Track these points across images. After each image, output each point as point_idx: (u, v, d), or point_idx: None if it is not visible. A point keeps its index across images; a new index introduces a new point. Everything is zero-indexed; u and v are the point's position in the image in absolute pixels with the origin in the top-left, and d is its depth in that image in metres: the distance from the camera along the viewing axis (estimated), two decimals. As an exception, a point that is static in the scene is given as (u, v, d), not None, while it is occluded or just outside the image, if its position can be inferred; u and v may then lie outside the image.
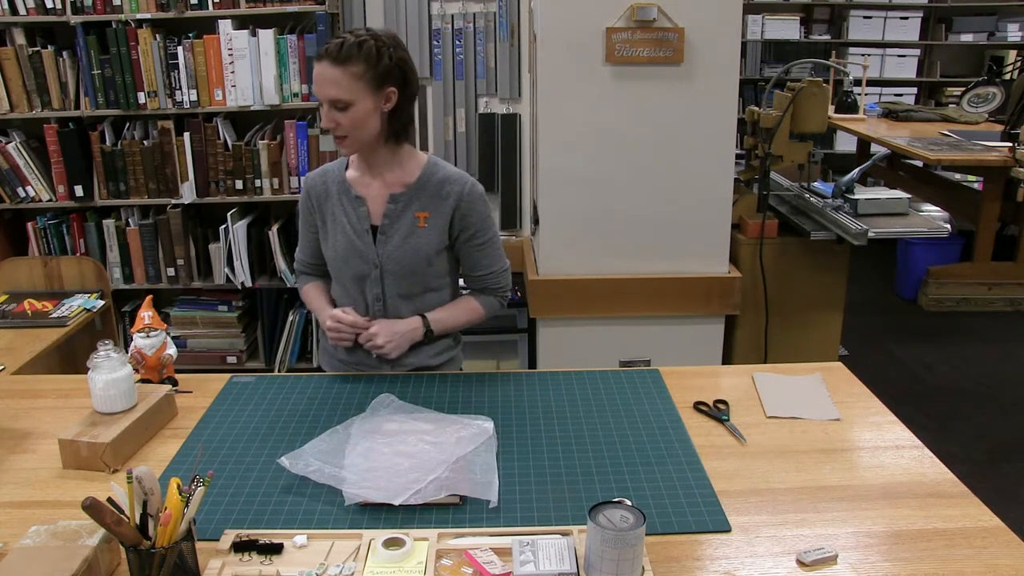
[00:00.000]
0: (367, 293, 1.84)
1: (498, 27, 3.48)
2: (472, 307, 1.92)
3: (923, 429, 3.06)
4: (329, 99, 1.69)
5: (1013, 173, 3.95)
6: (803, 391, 1.75)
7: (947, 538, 1.26)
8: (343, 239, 1.82)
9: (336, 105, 1.69)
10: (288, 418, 1.64)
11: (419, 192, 1.82)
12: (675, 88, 2.67)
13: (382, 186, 1.82)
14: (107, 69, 3.23)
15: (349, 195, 1.83)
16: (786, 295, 3.04)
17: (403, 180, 1.82)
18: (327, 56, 1.67)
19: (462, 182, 1.83)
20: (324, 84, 1.68)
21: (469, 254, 1.88)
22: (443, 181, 1.82)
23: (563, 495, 1.37)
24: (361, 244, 1.81)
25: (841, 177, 3.13)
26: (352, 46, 1.67)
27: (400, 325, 1.83)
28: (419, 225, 1.81)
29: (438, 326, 1.87)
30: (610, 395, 1.73)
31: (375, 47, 1.68)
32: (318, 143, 3.33)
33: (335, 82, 1.67)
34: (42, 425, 1.63)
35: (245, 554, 1.20)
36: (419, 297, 1.86)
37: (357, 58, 1.67)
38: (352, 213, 1.83)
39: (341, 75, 1.66)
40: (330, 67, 1.67)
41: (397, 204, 1.81)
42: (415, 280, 1.84)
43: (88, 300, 2.69)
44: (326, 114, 1.71)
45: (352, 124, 1.70)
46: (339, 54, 1.66)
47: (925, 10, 5.97)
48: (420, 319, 1.85)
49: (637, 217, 2.78)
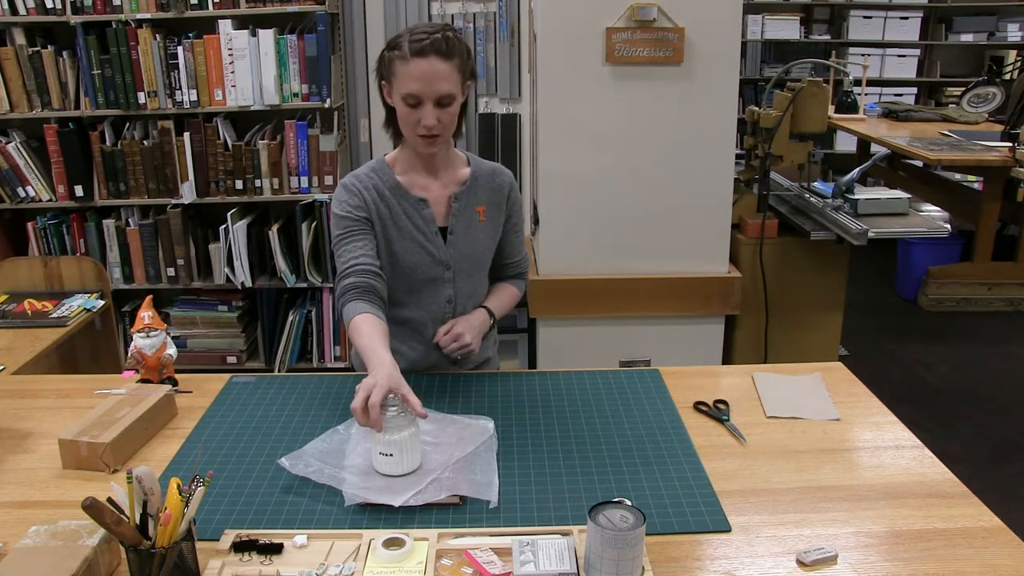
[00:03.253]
0: (439, 296, 1.81)
1: (498, 27, 3.48)
2: (512, 292, 1.96)
3: (923, 429, 3.07)
4: (440, 95, 1.63)
5: (1013, 173, 3.95)
6: (803, 391, 1.74)
7: (947, 538, 1.25)
8: (412, 244, 1.77)
9: (442, 101, 1.64)
10: (288, 418, 1.64)
11: (475, 187, 1.82)
12: (675, 88, 2.67)
13: (441, 187, 1.80)
14: (107, 69, 3.23)
15: (409, 198, 1.77)
16: (786, 295, 3.04)
17: (456, 178, 1.81)
18: (434, 51, 1.60)
19: (506, 172, 1.87)
20: (435, 80, 1.61)
21: (510, 241, 1.91)
22: (491, 173, 1.84)
23: (563, 495, 1.37)
24: (433, 247, 1.78)
25: (841, 177, 3.13)
26: (453, 40, 1.64)
27: (474, 320, 1.82)
28: (480, 220, 1.82)
29: (498, 314, 1.89)
30: (610, 395, 1.73)
31: (463, 41, 1.68)
32: (318, 143, 3.33)
33: (446, 77, 1.62)
34: (42, 425, 1.63)
35: (245, 554, 1.20)
36: (479, 292, 1.88)
37: (458, 51, 1.64)
38: (417, 216, 1.77)
39: (450, 70, 1.62)
40: (440, 62, 1.61)
41: (460, 202, 1.80)
42: (480, 276, 1.86)
43: (88, 300, 2.69)
44: (430, 112, 1.63)
45: (451, 120, 1.68)
46: (447, 48, 1.62)
47: (925, 10, 5.97)
48: (484, 310, 1.86)
49: (637, 217, 2.78)
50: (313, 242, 3.38)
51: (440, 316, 1.82)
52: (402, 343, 1.84)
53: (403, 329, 1.84)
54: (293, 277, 3.41)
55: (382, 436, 1.37)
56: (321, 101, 3.27)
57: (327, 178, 3.36)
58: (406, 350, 1.84)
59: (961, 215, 4.88)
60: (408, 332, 1.84)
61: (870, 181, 5.01)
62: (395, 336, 1.79)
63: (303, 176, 3.35)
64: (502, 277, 1.97)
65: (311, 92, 3.27)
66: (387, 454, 1.37)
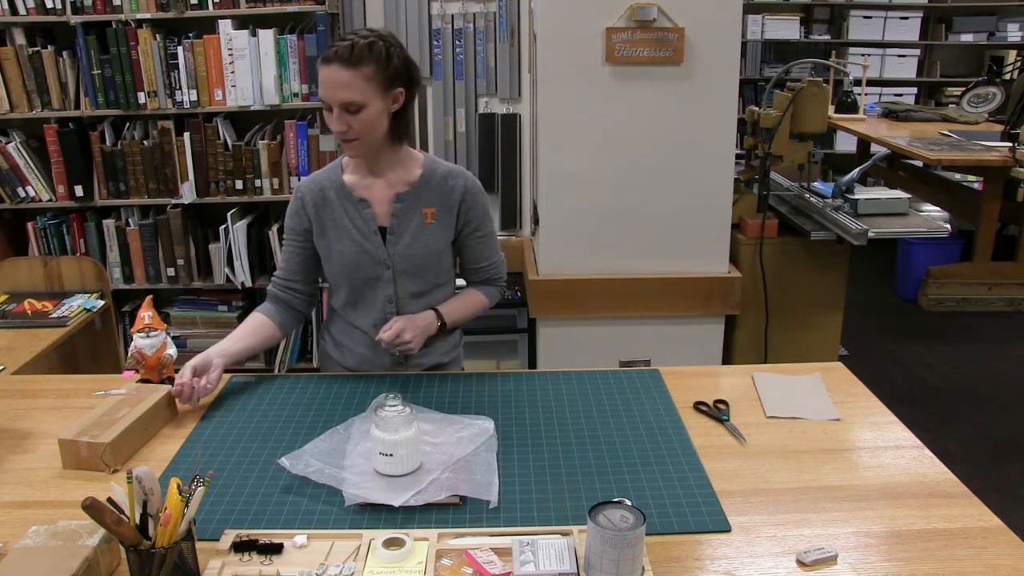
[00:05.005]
0: (379, 295, 1.84)
1: (498, 27, 3.48)
2: (477, 298, 1.96)
3: (923, 429, 3.07)
4: (341, 102, 1.66)
5: (1013, 173, 3.95)
6: (803, 391, 1.74)
7: (947, 538, 1.25)
8: (350, 244, 1.81)
9: (348, 108, 1.67)
10: (288, 418, 1.64)
11: (424, 189, 1.82)
12: (675, 88, 2.67)
13: (385, 187, 1.82)
14: (107, 69, 3.23)
15: (351, 199, 1.81)
16: (786, 295, 3.05)
17: (406, 179, 1.82)
18: (337, 59, 1.64)
19: (464, 176, 1.86)
20: (335, 87, 1.65)
21: (471, 247, 1.91)
22: (446, 176, 1.84)
23: (563, 495, 1.37)
24: (371, 246, 1.80)
25: (841, 177, 3.13)
26: (362, 48, 1.65)
27: (418, 320, 1.83)
28: (427, 222, 1.82)
29: (450, 319, 1.88)
30: (610, 395, 1.73)
31: (384, 48, 1.68)
32: (318, 143, 3.33)
33: (347, 85, 1.65)
34: (42, 425, 1.63)
35: (245, 554, 1.20)
36: (429, 294, 1.88)
37: (368, 60, 1.65)
38: (357, 216, 1.81)
39: (353, 77, 1.64)
40: (341, 70, 1.64)
41: (404, 203, 1.81)
42: (426, 277, 1.86)
43: (88, 300, 2.69)
44: (337, 118, 1.68)
45: (364, 127, 1.69)
46: (350, 56, 1.64)
47: (925, 10, 5.97)
48: (433, 312, 1.86)
49: (637, 217, 2.78)
50: (313, 242, 3.38)
51: (383, 316, 1.84)
52: (349, 342, 1.90)
53: (349, 328, 1.89)
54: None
55: (382, 436, 1.37)
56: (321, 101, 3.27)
57: (327, 178, 3.35)
58: (352, 349, 1.90)
59: (961, 215, 4.88)
60: (353, 331, 1.89)
61: (870, 181, 5.01)
62: (345, 334, 1.90)
63: (303, 176, 3.35)
64: (472, 282, 1.98)
65: (311, 92, 3.27)
66: (387, 454, 1.37)
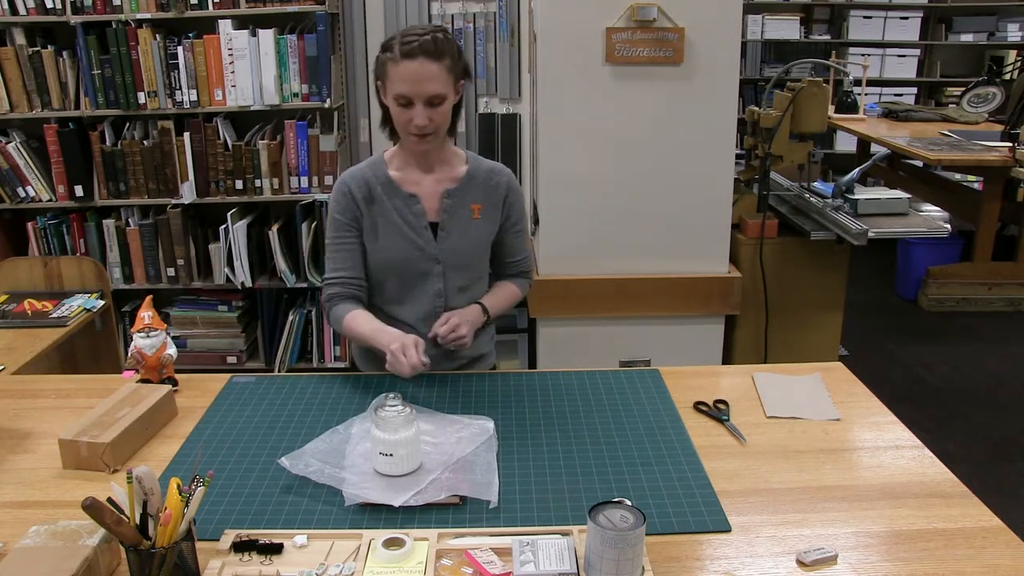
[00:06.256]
0: (428, 289, 1.85)
1: (498, 27, 3.48)
2: (512, 291, 1.99)
3: (923, 429, 3.06)
4: (429, 95, 1.67)
5: (1013, 173, 3.95)
6: (803, 391, 1.74)
7: (947, 538, 1.25)
8: (400, 239, 1.81)
9: (432, 101, 1.68)
10: (288, 418, 1.64)
11: (470, 185, 1.84)
12: (675, 88, 2.67)
13: (433, 182, 1.83)
14: (107, 69, 3.23)
15: (400, 194, 1.81)
16: (786, 295, 3.04)
17: (452, 175, 1.84)
18: (422, 52, 1.65)
19: (506, 172, 1.90)
20: (424, 81, 1.66)
21: (509, 241, 1.94)
22: (490, 172, 1.87)
23: (563, 495, 1.37)
24: (421, 241, 1.81)
25: (841, 177, 3.13)
26: (442, 41, 1.67)
27: (468, 314, 1.84)
28: (474, 217, 1.84)
29: (493, 311, 1.91)
30: (610, 395, 1.73)
31: (454, 41, 1.71)
32: (318, 143, 3.33)
33: (434, 77, 1.66)
34: (42, 425, 1.63)
35: (245, 554, 1.20)
36: (473, 287, 1.90)
37: (447, 52, 1.68)
38: (407, 212, 1.81)
39: (439, 70, 1.66)
40: (429, 63, 1.65)
41: (453, 199, 1.83)
42: (472, 272, 1.88)
43: (88, 300, 2.69)
44: (420, 112, 1.68)
45: (443, 119, 1.72)
46: (435, 49, 1.66)
47: (925, 10, 5.97)
48: (479, 307, 1.88)
49: (637, 217, 2.78)
50: (313, 242, 3.38)
51: (431, 311, 1.85)
52: None
53: (397, 324, 1.87)
54: (293, 277, 3.41)
55: (382, 436, 1.37)
56: (321, 101, 3.27)
57: (327, 178, 3.35)
58: None
59: (961, 215, 4.88)
60: (401, 326, 1.86)
61: (870, 181, 5.01)
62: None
63: (303, 176, 3.35)
64: (504, 275, 2.00)
65: (311, 92, 3.27)
66: (387, 454, 1.37)
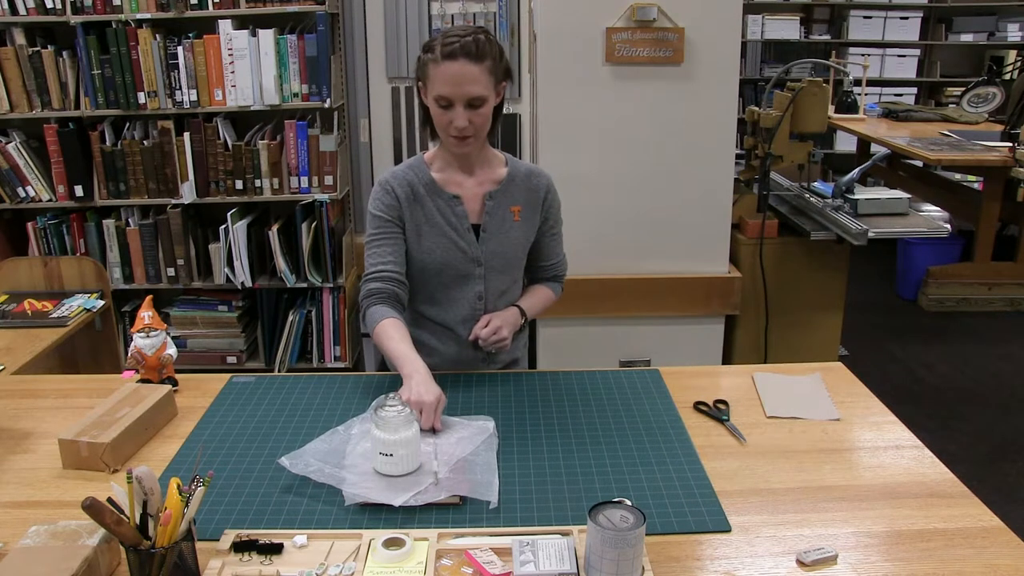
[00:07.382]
0: (469, 292, 1.84)
1: (498, 27, 3.48)
2: (547, 295, 1.98)
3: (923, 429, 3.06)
4: (470, 97, 1.65)
5: (1013, 173, 3.95)
6: (803, 391, 1.74)
7: (947, 538, 1.25)
8: (443, 240, 1.79)
9: (473, 103, 1.67)
10: (288, 418, 1.64)
11: (511, 187, 1.84)
12: (675, 88, 2.67)
13: (475, 184, 1.82)
14: (107, 69, 3.23)
15: (443, 195, 1.80)
16: (786, 295, 3.05)
17: (493, 177, 1.83)
18: (464, 54, 1.63)
19: (545, 175, 1.89)
20: (465, 83, 1.64)
21: (546, 244, 1.93)
22: (529, 174, 1.86)
23: (563, 495, 1.37)
24: (464, 243, 1.80)
25: (841, 177, 3.13)
26: (484, 43, 1.66)
27: (508, 316, 1.84)
28: (514, 220, 1.84)
29: (529, 314, 1.91)
30: (610, 395, 1.73)
31: (496, 42, 1.70)
32: (318, 143, 3.33)
33: (476, 79, 1.65)
34: (42, 425, 1.63)
35: (245, 554, 1.20)
36: (511, 290, 1.90)
37: (489, 54, 1.66)
38: (450, 213, 1.80)
39: (481, 72, 1.65)
40: (470, 64, 1.64)
41: (495, 201, 1.82)
42: (511, 274, 1.88)
43: (88, 300, 2.69)
44: (460, 114, 1.66)
45: (484, 121, 1.71)
46: (476, 51, 1.64)
47: (925, 10, 5.98)
48: (517, 309, 1.88)
49: (637, 217, 2.78)
50: (313, 242, 3.38)
51: (471, 313, 1.84)
52: (436, 340, 1.87)
53: (435, 327, 1.87)
54: (293, 277, 3.41)
55: (382, 436, 1.37)
56: (321, 101, 3.27)
57: (327, 178, 3.35)
58: (439, 347, 1.87)
59: (961, 215, 4.88)
60: (440, 329, 1.87)
61: (870, 181, 5.01)
62: (429, 333, 1.86)
63: (303, 176, 3.35)
64: (538, 279, 1.99)
65: (311, 92, 3.27)
66: (387, 454, 1.37)
